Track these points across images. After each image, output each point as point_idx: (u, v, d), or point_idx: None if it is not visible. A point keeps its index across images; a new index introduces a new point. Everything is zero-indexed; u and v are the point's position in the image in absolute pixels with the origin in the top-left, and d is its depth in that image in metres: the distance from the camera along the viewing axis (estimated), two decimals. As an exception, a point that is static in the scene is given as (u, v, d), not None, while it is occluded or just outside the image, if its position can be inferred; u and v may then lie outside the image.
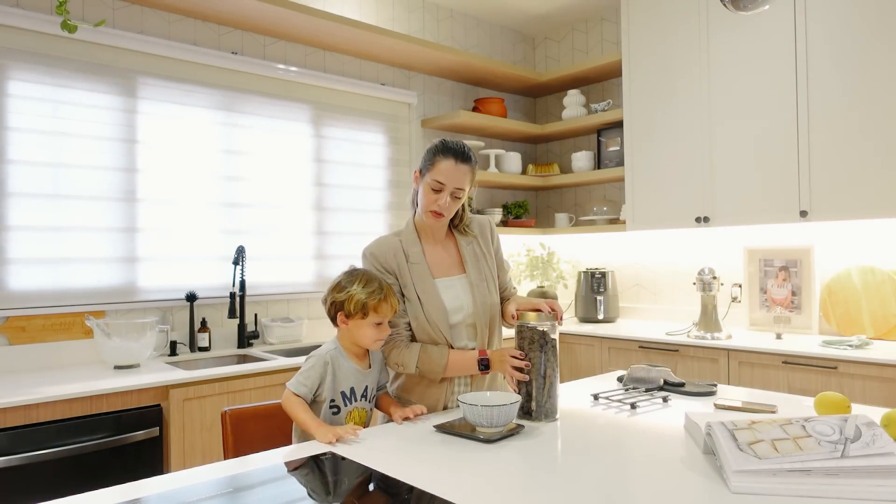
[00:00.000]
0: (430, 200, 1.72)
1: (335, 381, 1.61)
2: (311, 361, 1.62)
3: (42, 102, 2.56)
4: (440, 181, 1.69)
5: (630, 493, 1.12)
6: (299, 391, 1.58)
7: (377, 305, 1.60)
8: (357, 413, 1.65)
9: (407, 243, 1.78)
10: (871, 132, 2.73)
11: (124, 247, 2.76)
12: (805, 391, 2.66)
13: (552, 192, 4.50)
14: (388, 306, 1.62)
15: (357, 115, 3.60)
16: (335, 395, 1.61)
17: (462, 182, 1.71)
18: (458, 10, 4.10)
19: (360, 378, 1.65)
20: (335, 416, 1.62)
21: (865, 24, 2.74)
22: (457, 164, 1.70)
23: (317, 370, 1.60)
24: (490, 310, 1.80)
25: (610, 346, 3.39)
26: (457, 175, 1.70)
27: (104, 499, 1.12)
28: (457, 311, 1.77)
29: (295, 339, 3.16)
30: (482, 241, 1.87)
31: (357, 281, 1.62)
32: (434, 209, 1.72)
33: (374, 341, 1.63)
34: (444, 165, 1.69)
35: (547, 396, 1.61)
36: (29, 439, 1.98)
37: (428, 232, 1.82)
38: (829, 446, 1.13)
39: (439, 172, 1.69)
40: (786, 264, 3.22)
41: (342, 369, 1.63)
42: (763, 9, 1.88)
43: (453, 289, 1.78)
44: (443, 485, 1.17)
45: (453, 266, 1.82)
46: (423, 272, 1.76)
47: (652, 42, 3.50)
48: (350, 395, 1.63)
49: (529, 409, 1.62)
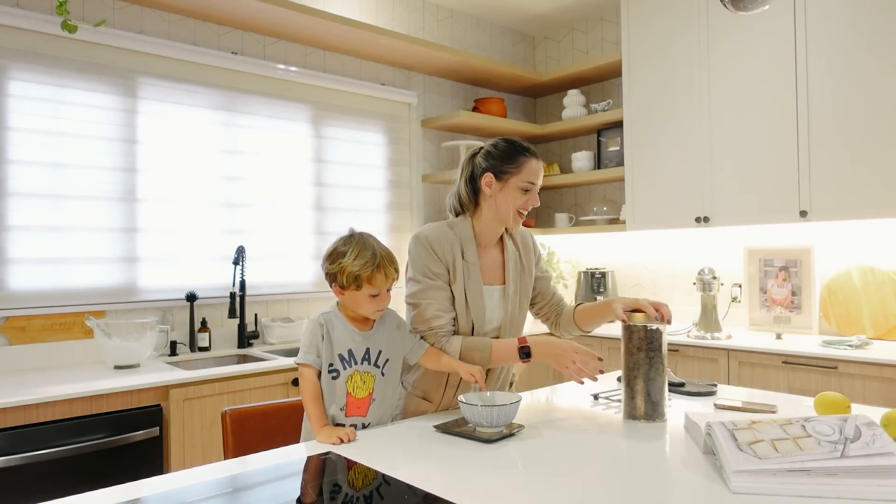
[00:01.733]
0: (522, 202, 1.73)
1: (331, 344, 1.55)
2: (307, 328, 1.58)
3: (42, 102, 2.56)
4: (532, 181, 1.72)
5: (630, 493, 1.12)
6: (308, 360, 1.53)
7: (370, 277, 1.53)
8: (359, 376, 1.57)
9: (464, 240, 1.75)
10: (871, 132, 2.73)
11: (124, 247, 2.76)
12: (805, 391, 2.66)
13: (552, 191, 4.50)
14: (382, 276, 1.54)
15: (357, 115, 3.60)
16: (332, 359, 1.55)
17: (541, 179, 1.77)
18: (458, 10, 4.10)
19: (359, 340, 1.58)
20: (335, 380, 1.55)
21: (865, 24, 2.74)
22: (539, 163, 1.75)
23: (313, 333, 1.55)
24: (516, 323, 1.82)
25: (610, 347, 3.39)
26: (541, 172, 1.76)
27: (104, 499, 1.12)
28: (490, 321, 1.77)
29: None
30: (524, 252, 1.87)
31: (350, 251, 1.54)
32: (523, 209, 1.74)
33: (374, 312, 1.58)
34: (534, 166, 1.73)
35: (660, 397, 1.60)
36: (29, 439, 1.98)
37: (485, 236, 1.79)
38: (829, 446, 1.13)
39: (530, 173, 1.72)
40: (786, 264, 3.22)
41: (336, 331, 1.57)
42: (763, 9, 1.88)
43: (492, 299, 1.78)
44: (443, 485, 1.17)
45: (496, 275, 1.81)
46: (475, 274, 1.74)
47: (652, 42, 3.50)
48: (349, 358, 1.56)
49: (636, 410, 1.60)
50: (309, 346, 1.55)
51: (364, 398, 1.58)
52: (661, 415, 1.59)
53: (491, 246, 1.82)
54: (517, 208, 1.73)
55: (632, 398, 1.61)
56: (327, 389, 1.55)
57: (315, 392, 1.53)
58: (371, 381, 1.59)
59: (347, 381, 1.56)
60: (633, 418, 1.61)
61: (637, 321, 1.62)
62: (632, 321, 1.63)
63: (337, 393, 1.55)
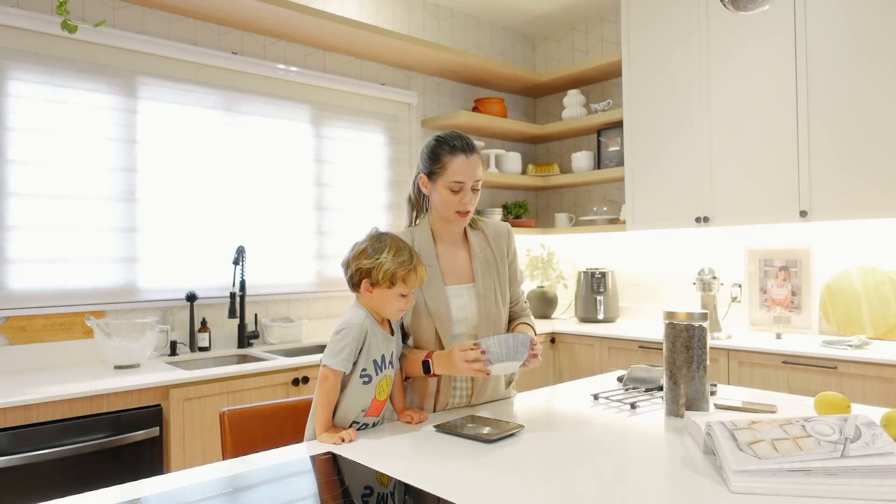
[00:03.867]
0: (454, 202, 1.66)
1: (369, 351, 1.53)
2: (347, 331, 1.52)
3: (42, 102, 2.56)
4: (458, 181, 1.64)
5: (630, 493, 1.12)
6: (339, 366, 1.49)
7: (406, 276, 1.52)
8: (385, 381, 1.58)
9: (421, 243, 1.72)
10: (871, 132, 2.73)
11: (124, 247, 2.76)
12: (805, 391, 2.66)
13: (552, 192, 4.50)
14: (417, 277, 1.54)
15: (357, 115, 3.60)
16: (367, 365, 1.53)
17: (477, 173, 1.67)
18: (458, 10, 4.10)
19: (388, 345, 1.59)
20: (366, 384, 1.53)
21: (865, 24, 2.74)
22: (467, 158, 1.65)
23: (355, 338, 1.51)
24: (494, 322, 1.75)
25: (610, 346, 3.39)
26: (471, 168, 1.66)
27: (104, 499, 1.12)
28: (461, 322, 1.73)
29: (295, 339, 3.16)
30: (496, 248, 1.80)
31: (387, 249, 1.53)
32: (459, 209, 1.67)
33: (399, 311, 1.56)
34: (457, 163, 1.65)
35: (702, 395, 1.61)
36: (29, 439, 1.98)
37: (444, 234, 1.77)
38: (829, 446, 1.13)
39: (455, 172, 1.64)
40: (786, 264, 3.22)
41: (376, 336, 1.55)
42: (763, 9, 1.87)
43: (461, 298, 1.73)
44: (443, 485, 1.17)
45: (464, 274, 1.76)
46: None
47: (652, 42, 3.50)
48: (381, 363, 1.56)
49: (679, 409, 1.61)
50: (349, 354, 1.51)
51: (384, 400, 1.61)
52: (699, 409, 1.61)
53: (457, 245, 1.78)
54: (454, 210, 1.67)
55: (674, 396, 1.62)
56: (356, 394, 1.53)
57: (333, 398, 1.52)
58: (390, 383, 1.62)
59: (377, 387, 1.57)
60: (676, 416, 1.61)
61: (679, 319, 1.63)
62: (672, 318, 1.64)
63: (366, 397, 1.55)
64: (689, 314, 1.62)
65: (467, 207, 1.68)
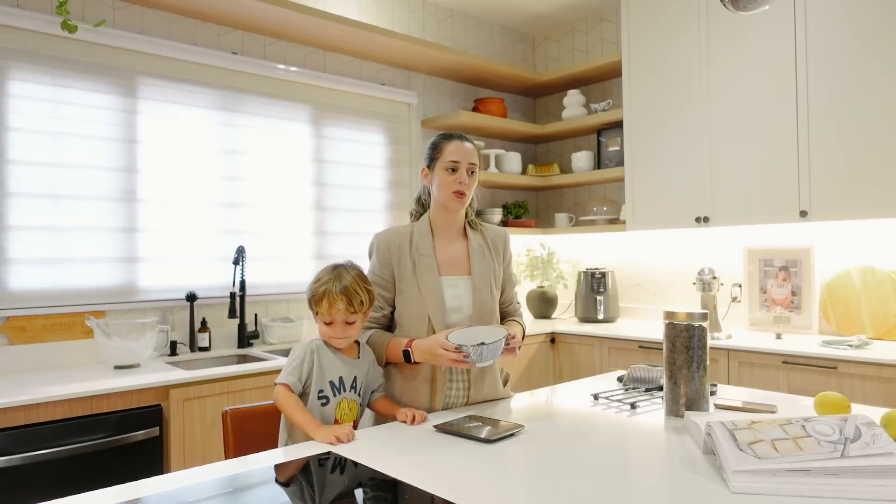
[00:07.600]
0: (450, 181, 1.77)
1: (322, 371, 1.59)
2: (296, 351, 1.61)
3: (42, 102, 2.56)
4: (454, 160, 1.77)
5: (630, 493, 1.12)
6: (289, 381, 1.55)
7: (318, 300, 1.59)
8: (347, 404, 1.62)
9: (419, 235, 1.82)
10: (871, 132, 2.73)
11: (124, 247, 2.76)
12: (805, 391, 2.66)
13: (552, 192, 4.50)
14: (327, 304, 1.58)
15: (357, 116, 3.60)
16: (323, 385, 1.59)
17: (473, 157, 1.80)
18: (458, 10, 4.10)
19: (348, 368, 1.63)
20: (324, 406, 1.59)
21: (865, 24, 2.74)
22: (463, 143, 1.80)
23: (303, 358, 1.58)
24: (489, 314, 1.82)
25: (610, 346, 3.39)
26: (466, 151, 1.79)
27: (104, 499, 1.12)
28: (455, 311, 1.79)
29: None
30: (493, 249, 1.90)
31: (321, 276, 1.63)
32: (456, 189, 1.77)
33: (329, 338, 1.62)
34: (453, 146, 1.79)
35: (702, 395, 1.61)
36: (29, 439, 1.98)
37: (443, 228, 1.85)
38: (829, 446, 1.13)
39: (450, 153, 1.77)
40: (786, 264, 3.22)
41: (327, 357, 1.61)
42: (763, 9, 1.88)
43: (456, 288, 1.80)
44: (443, 485, 1.17)
45: (460, 266, 1.84)
46: (430, 266, 1.78)
47: (652, 42, 3.50)
48: (339, 385, 1.61)
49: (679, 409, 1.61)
50: (294, 369, 1.58)
51: (348, 424, 1.61)
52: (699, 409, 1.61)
53: (455, 238, 1.87)
54: (451, 190, 1.78)
55: (674, 396, 1.62)
56: (314, 415, 1.57)
57: (298, 402, 1.55)
58: (356, 408, 1.65)
59: (336, 408, 1.60)
60: (676, 416, 1.62)
61: (679, 319, 1.64)
62: (672, 318, 1.65)
63: (325, 419, 1.58)
64: (689, 314, 1.63)
65: (463, 188, 1.78)
